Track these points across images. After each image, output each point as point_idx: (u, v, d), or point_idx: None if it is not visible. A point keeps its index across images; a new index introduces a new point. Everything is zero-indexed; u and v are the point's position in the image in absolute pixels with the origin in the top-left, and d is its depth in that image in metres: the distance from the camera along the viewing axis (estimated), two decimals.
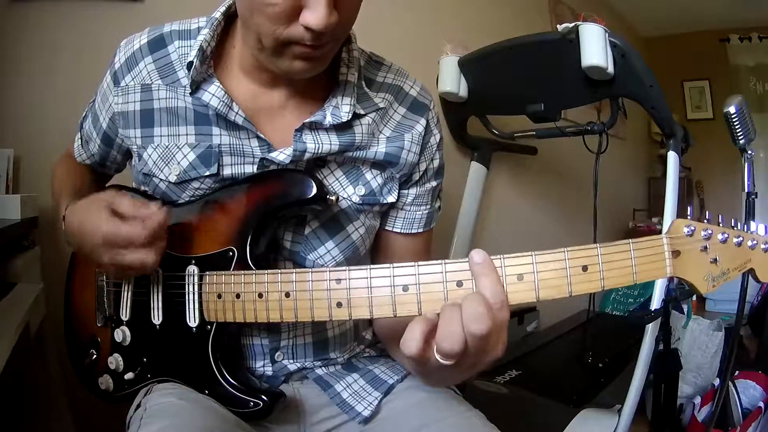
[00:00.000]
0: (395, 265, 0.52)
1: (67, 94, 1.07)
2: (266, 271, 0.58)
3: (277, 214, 0.65)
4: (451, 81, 1.65)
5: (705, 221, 0.52)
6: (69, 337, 0.81)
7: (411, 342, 0.45)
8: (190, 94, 0.64)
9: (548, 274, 0.49)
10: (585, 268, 0.49)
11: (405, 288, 0.51)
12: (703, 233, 0.51)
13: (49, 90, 1.14)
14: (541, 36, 1.45)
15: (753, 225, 0.52)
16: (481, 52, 1.60)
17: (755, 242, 0.51)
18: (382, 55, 0.75)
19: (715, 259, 0.51)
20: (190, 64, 0.63)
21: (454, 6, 2.09)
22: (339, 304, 0.53)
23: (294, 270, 0.56)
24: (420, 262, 0.51)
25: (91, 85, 0.72)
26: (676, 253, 0.50)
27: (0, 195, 1.02)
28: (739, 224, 0.52)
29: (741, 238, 0.51)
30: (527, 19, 2.45)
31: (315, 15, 0.52)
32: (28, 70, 1.13)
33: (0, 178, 1.04)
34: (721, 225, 0.52)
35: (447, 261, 0.50)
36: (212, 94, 0.64)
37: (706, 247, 0.51)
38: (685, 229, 0.51)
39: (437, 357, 0.45)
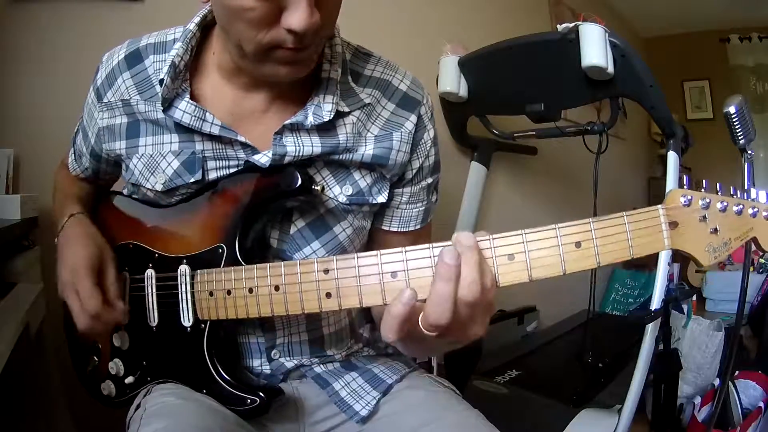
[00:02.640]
0: (382, 252, 0.51)
1: (67, 94, 1.07)
2: (255, 266, 0.58)
3: (265, 207, 0.64)
4: (451, 81, 1.65)
5: (702, 190, 0.49)
6: (71, 345, 0.81)
7: (391, 327, 0.46)
8: (163, 111, 0.64)
9: (540, 252, 0.47)
10: (578, 245, 0.47)
11: (393, 274, 0.50)
12: (701, 202, 0.48)
13: (49, 90, 1.14)
14: (541, 36, 1.45)
15: (753, 192, 0.49)
16: (481, 52, 1.60)
17: (756, 210, 0.48)
18: (382, 54, 0.74)
19: (716, 229, 0.48)
20: (161, 82, 0.63)
21: (453, 6, 2.09)
22: (328, 295, 0.53)
23: (282, 263, 0.56)
24: (407, 248, 0.50)
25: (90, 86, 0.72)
26: (673, 225, 0.48)
27: (0, 195, 1.02)
28: (738, 192, 0.49)
29: (741, 206, 0.48)
30: (527, 19, 2.45)
31: (297, 16, 0.51)
32: (28, 70, 1.13)
33: (0, 178, 1.04)
34: (719, 193, 0.49)
35: (434, 245, 0.49)
36: (183, 110, 0.63)
37: (705, 217, 0.48)
38: (682, 199, 0.48)
39: (422, 329, 0.46)
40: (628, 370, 1.37)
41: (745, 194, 0.49)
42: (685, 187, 0.49)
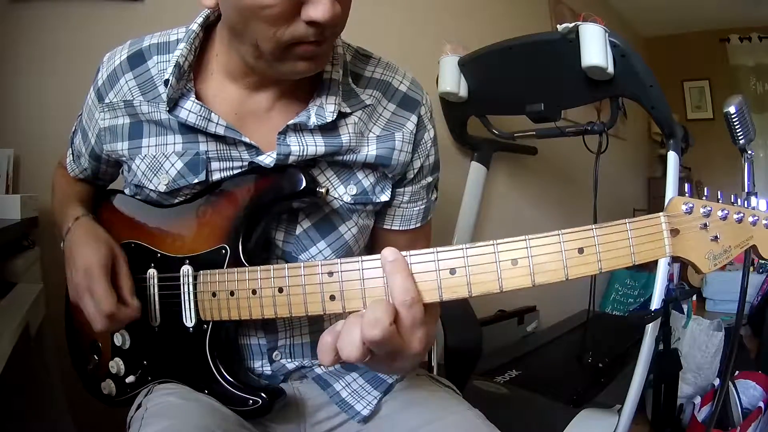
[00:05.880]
0: None
1: (67, 94, 1.07)
2: (258, 268, 0.58)
3: (269, 209, 0.64)
4: (451, 81, 1.65)
5: (704, 198, 0.49)
6: (71, 343, 0.81)
7: (324, 355, 0.47)
8: (168, 111, 0.64)
9: (543, 258, 0.47)
10: (581, 251, 0.47)
11: None
12: (702, 210, 0.48)
13: (49, 90, 1.14)
14: (541, 36, 1.45)
15: (753, 200, 0.50)
16: (481, 52, 1.60)
17: (756, 218, 0.49)
18: (382, 55, 0.74)
19: (716, 237, 0.48)
20: (166, 82, 0.63)
21: (453, 6, 2.09)
22: (332, 297, 0.52)
23: (286, 265, 0.56)
24: (411, 252, 0.50)
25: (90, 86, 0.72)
26: (674, 232, 0.48)
27: (0, 195, 1.02)
28: (739, 200, 0.50)
29: (742, 215, 0.49)
30: (527, 19, 2.46)
31: (319, 8, 0.52)
32: (28, 70, 1.13)
33: (0, 178, 1.04)
34: (720, 201, 0.49)
35: (439, 249, 0.49)
36: (189, 110, 0.63)
37: (705, 225, 0.48)
38: (684, 207, 0.49)
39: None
40: (628, 370, 1.37)
41: (746, 202, 0.50)
42: (687, 194, 0.50)
